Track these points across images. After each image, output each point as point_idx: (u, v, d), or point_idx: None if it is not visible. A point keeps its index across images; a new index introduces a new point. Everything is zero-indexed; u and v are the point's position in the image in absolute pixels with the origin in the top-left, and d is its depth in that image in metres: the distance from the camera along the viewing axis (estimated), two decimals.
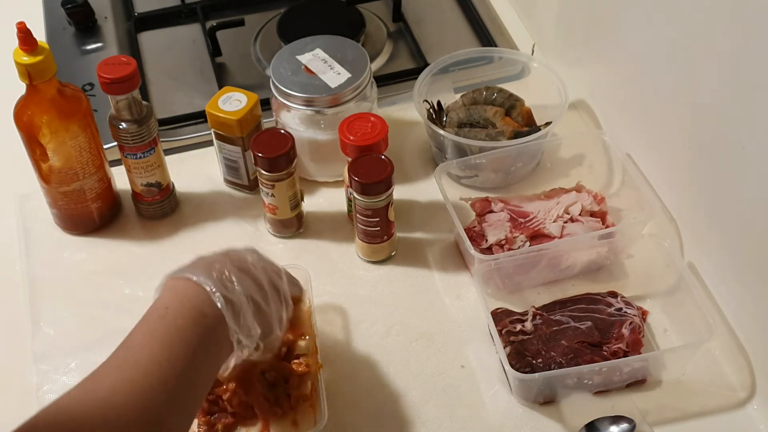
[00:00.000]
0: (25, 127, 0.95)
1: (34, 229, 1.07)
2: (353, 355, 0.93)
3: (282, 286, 0.82)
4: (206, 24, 1.29)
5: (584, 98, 1.17)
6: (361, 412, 0.89)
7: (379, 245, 1.00)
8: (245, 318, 0.75)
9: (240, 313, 0.75)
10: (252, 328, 0.76)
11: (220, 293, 0.74)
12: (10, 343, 0.96)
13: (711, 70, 0.87)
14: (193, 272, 0.76)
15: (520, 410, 0.89)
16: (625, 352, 0.89)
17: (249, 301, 0.76)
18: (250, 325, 0.76)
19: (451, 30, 1.31)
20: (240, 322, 0.75)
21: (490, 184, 1.09)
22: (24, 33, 0.89)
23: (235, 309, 0.75)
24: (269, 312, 0.78)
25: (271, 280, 0.80)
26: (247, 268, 0.78)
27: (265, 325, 0.78)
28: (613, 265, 1.00)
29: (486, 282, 0.95)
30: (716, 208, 0.91)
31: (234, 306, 0.75)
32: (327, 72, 1.05)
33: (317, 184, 1.11)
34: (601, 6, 1.08)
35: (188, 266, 0.78)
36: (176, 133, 1.15)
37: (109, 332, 0.95)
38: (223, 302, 0.74)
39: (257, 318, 0.77)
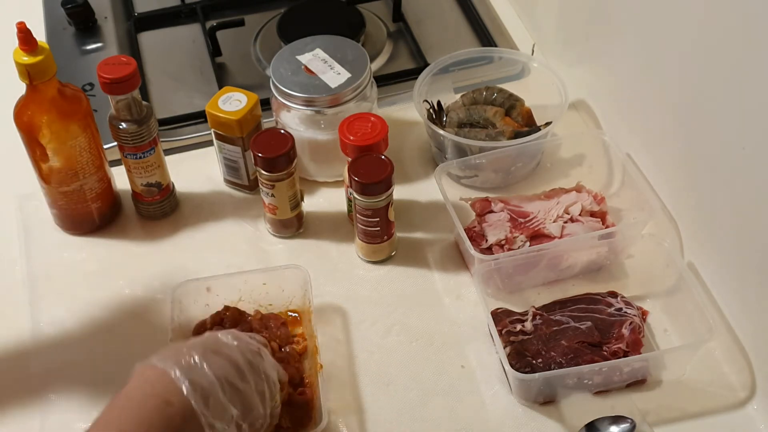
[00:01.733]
0: (25, 127, 0.95)
1: (34, 229, 1.07)
2: (353, 355, 0.93)
3: (261, 363, 0.80)
4: (206, 24, 1.29)
5: (584, 98, 1.17)
6: (360, 412, 0.89)
7: (379, 245, 1.00)
8: (216, 400, 0.74)
9: (210, 395, 0.73)
10: (227, 409, 0.74)
11: (185, 377, 0.73)
12: (10, 343, 0.96)
13: (711, 70, 0.87)
14: (159, 359, 0.75)
15: (520, 410, 0.89)
16: (625, 352, 0.89)
17: (221, 381, 0.74)
18: (224, 405, 0.74)
19: (451, 30, 1.31)
20: (210, 404, 0.73)
21: (490, 184, 1.09)
22: (24, 33, 0.89)
23: (204, 392, 0.73)
24: (247, 389, 0.77)
25: (248, 359, 0.78)
26: (218, 349, 0.77)
27: (245, 403, 0.76)
28: (613, 265, 1.00)
29: (486, 282, 0.95)
30: (716, 208, 0.91)
31: (203, 389, 0.73)
32: (327, 72, 1.05)
33: (317, 184, 1.11)
34: (601, 6, 1.08)
35: (157, 354, 0.76)
36: (176, 133, 1.15)
37: (109, 332, 0.96)
38: (188, 387, 0.72)
39: (235, 397, 0.75)
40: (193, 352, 0.75)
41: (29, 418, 0.90)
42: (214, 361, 0.75)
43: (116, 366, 0.93)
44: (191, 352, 0.75)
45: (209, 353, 0.76)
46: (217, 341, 0.79)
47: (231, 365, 0.76)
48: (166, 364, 0.74)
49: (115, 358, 0.94)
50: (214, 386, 0.74)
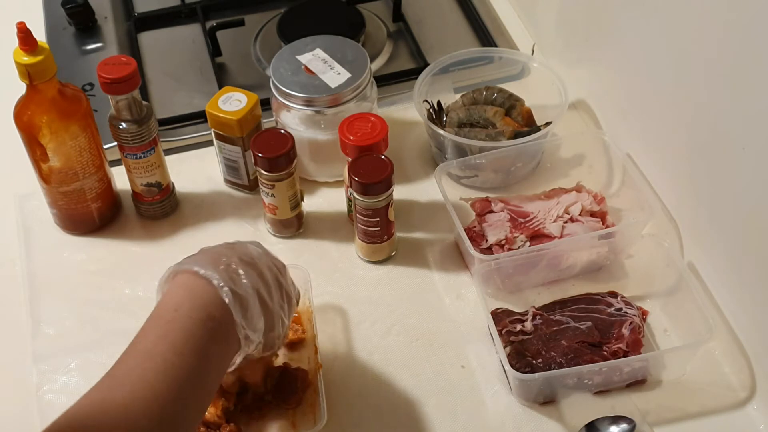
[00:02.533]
0: (25, 127, 0.95)
1: (34, 229, 1.07)
2: (353, 355, 0.93)
3: (285, 283, 0.81)
4: (206, 24, 1.29)
5: (584, 98, 1.17)
6: (361, 412, 0.89)
7: (379, 245, 1.00)
8: (252, 312, 0.75)
9: (248, 307, 0.75)
10: (257, 322, 0.76)
11: (227, 287, 0.74)
12: (10, 343, 0.96)
13: (711, 70, 0.87)
14: (200, 265, 0.75)
15: (520, 410, 0.89)
16: (625, 352, 0.89)
17: (255, 293, 0.76)
18: (255, 319, 0.75)
19: (451, 30, 1.30)
20: (248, 316, 0.74)
21: (490, 184, 1.09)
22: (24, 33, 0.89)
23: (243, 303, 0.74)
24: (273, 308, 0.78)
25: (275, 276, 0.80)
26: (252, 261, 0.78)
27: (268, 321, 0.77)
28: (613, 265, 1.00)
29: (486, 282, 0.95)
30: (716, 208, 0.91)
31: (242, 300, 0.74)
32: (327, 72, 1.05)
33: (317, 184, 1.11)
34: (601, 6, 1.08)
35: (194, 258, 0.77)
36: (176, 133, 1.15)
37: (109, 332, 0.96)
38: (231, 297, 0.73)
39: (263, 311, 0.76)
40: (231, 261, 0.76)
41: (29, 418, 0.90)
42: (250, 273, 0.76)
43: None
44: (230, 261, 0.76)
45: (245, 264, 0.76)
46: (248, 252, 0.79)
47: (262, 281, 0.77)
48: (207, 271, 0.74)
49: (116, 358, 0.94)
50: (250, 298, 0.75)
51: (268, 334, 0.78)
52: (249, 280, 0.75)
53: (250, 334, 0.75)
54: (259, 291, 0.76)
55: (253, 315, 0.75)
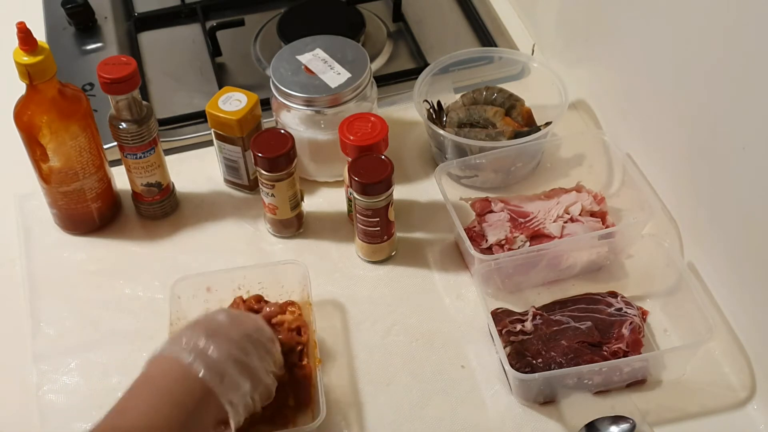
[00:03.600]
0: (25, 128, 0.95)
1: (34, 229, 1.07)
2: (353, 354, 0.93)
3: (258, 335, 0.82)
4: (206, 24, 1.29)
5: (584, 98, 1.17)
6: (360, 411, 0.89)
7: (379, 245, 1.00)
8: (229, 377, 0.76)
9: (223, 374, 0.75)
10: (241, 385, 0.76)
11: (198, 360, 0.75)
12: (10, 343, 0.96)
13: (711, 70, 0.87)
14: (167, 349, 0.76)
15: (520, 410, 0.89)
16: (625, 352, 0.89)
17: (229, 359, 0.76)
18: (237, 381, 0.76)
19: (451, 30, 1.30)
20: (225, 382, 0.75)
21: (490, 184, 1.09)
22: (24, 33, 0.89)
23: (217, 371, 0.75)
24: (252, 363, 0.79)
25: (246, 333, 0.80)
26: (217, 330, 0.79)
27: (253, 377, 0.78)
28: (613, 265, 1.00)
29: (486, 282, 0.95)
30: (716, 208, 0.91)
31: (216, 369, 0.75)
32: (327, 72, 1.05)
33: (317, 184, 1.11)
34: (601, 6, 1.08)
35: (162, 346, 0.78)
36: (176, 133, 1.15)
37: (109, 332, 0.97)
38: (203, 369, 0.74)
39: (244, 372, 0.77)
40: (196, 336, 0.77)
41: (29, 418, 0.90)
42: (218, 342, 0.77)
43: (116, 366, 0.93)
44: (195, 337, 0.77)
45: (211, 335, 0.77)
46: (213, 322, 0.80)
47: (232, 343, 0.78)
48: (174, 352, 0.75)
49: (116, 358, 0.94)
50: (225, 365, 0.76)
51: (257, 389, 0.79)
52: (218, 350, 0.76)
53: (234, 399, 0.76)
54: (232, 356, 0.77)
55: (231, 380, 0.76)
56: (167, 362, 0.76)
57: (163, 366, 0.76)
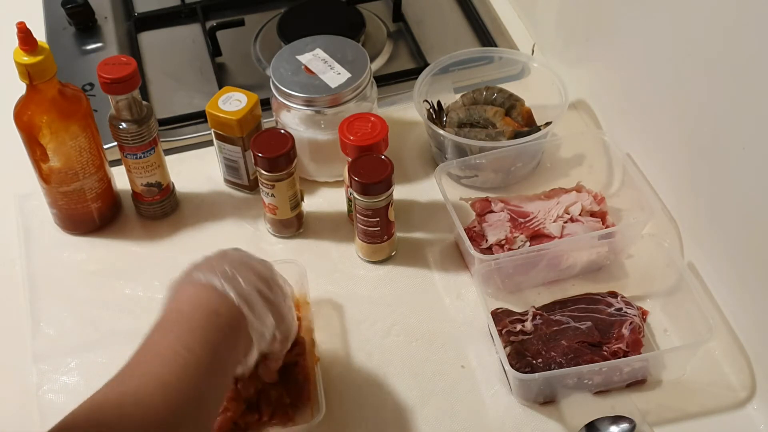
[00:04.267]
0: (25, 128, 0.95)
1: (34, 229, 1.07)
2: (353, 354, 0.93)
3: (278, 278, 0.82)
4: (206, 24, 1.29)
5: (584, 98, 1.17)
6: (360, 411, 0.89)
7: (379, 245, 1.00)
8: (258, 308, 0.76)
9: (253, 303, 0.76)
10: (266, 318, 0.77)
11: (231, 287, 0.75)
12: (10, 343, 0.96)
13: (711, 70, 0.87)
14: (198, 273, 0.77)
15: (520, 410, 0.89)
16: (625, 352, 0.89)
17: (255, 291, 0.77)
18: (263, 314, 0.77)
19: (451, 30, 1.30)
20: (255, 311, 0.76)
21: (490, 184, 1.09)
22: (24, 33, 0.89)
23: (247, 300, 0.76)
24: (275, 301, 0.79)
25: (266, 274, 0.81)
26: (243, 263, 0.79)
27: (276, 313, 0.79)
28: (613, 265, 1.00)
29: (486, 282, 0.95)
30: (716, 208, 0.91)
31: (246, 297, 0.76)
32: (327, 72, 1.05)
33: (317, 184, 1.11)
34: (601, 6, 1.08)
35: (190, 270, 0.78)
36: (176, 133, 1.15)
37: (109, 332, 0.97)
38: (236, 295, 0.75)
39: (268, 306, 0.78)
40: (224, 266, 0.77)
41: (29, 418, 0.90)
42: (246, 274, 0.77)
43: (116, 366, 0.93)
44: (223, 266, 0.77)
45: (237, 267, 0.78)
46: (236, 256, 0.80)
47: (258, 278, 0.78)
48: (207, 276, 0.76)
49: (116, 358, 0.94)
50: (254, 295, 0.76)
51: (281, 326, 0.80)
52: (246, 280, 0.77)
53: (263, 330, 0.77)
54: (258, 288, 0.77)
55: (260, 312, 0.76)
56: (198, 291, 0.75)
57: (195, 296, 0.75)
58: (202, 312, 0.74)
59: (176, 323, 0.74)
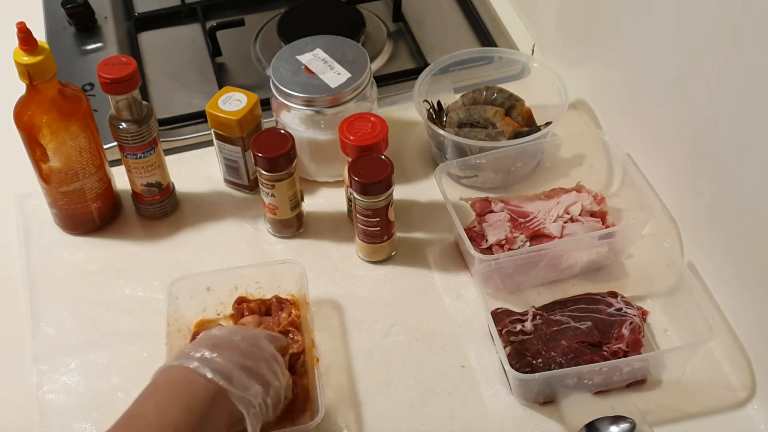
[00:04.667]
0: (25, 128, 0.95)
1: (34, 229, 1.07)
2: (353, 354, 0.93)
3: (263, 344, 0.82)
4: (206, 24, 1.29)
5: (584, 98, 1.17)
6: (360, 411, 0.89)
7: (379, 245, 1.00)
8: (238, 379, 0.76)
9: (231, 376, 0.76)
10: (250, 386, 0.77)
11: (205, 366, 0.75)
12: (10, 343, 0.96)
13: (711, 70, 0.87)
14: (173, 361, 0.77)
15: (520, 410, 0.89)
16: (625, 352, 0.89)
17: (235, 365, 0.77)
18: (246, 383, 0.77)
19: (451, 30, 1.30)
20: (234, 383, 0.76)
21: (490, 184, 1.09)
22: (24, 33, 0.89)
23: (225, 374, 0.76)
24: (259, 368, 0.79)
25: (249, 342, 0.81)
26: (220, 342, 0.79)
27: (262, 381, 0.79)
28: (613, 265, 1.00)
29: (486, 282, 0.95)
30: (716, 208, 0.91)
31: (223, 372, 0.76)
32: (327, 72, 1.05)
33: (317, 184, 1.11)
34: (601, 6, 1.08)
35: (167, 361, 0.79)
36: (176, 133, 1.15)
37: (109, 332, 0.97)
38: (210, 371, 0.75)
39: (252, 376, 0.78)
40: (200, 348, 0.78)
41: (29, 418, 0.90)
42: (222, 352, 0.78)
43: (116, 366, 0.93)
44: (199, 350, 0.78)
45: (215, 346, 0.78)
46: (216, 336, 0.81)
47: (237, 352, 0.79)
48: (181, 361, 0.76)
49: (116, 358, 0.94)
50: (232, 369, 0.76)
51: (269, 390, 0.79)
52: (223, 358, 0.77)
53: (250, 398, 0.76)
54: (238, 362, 0.78)
55: (240, 381, 0.76)
56: (173, 370, 0.76)
57: (170, 374, 0.76)
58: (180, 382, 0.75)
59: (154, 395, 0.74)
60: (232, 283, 0.95)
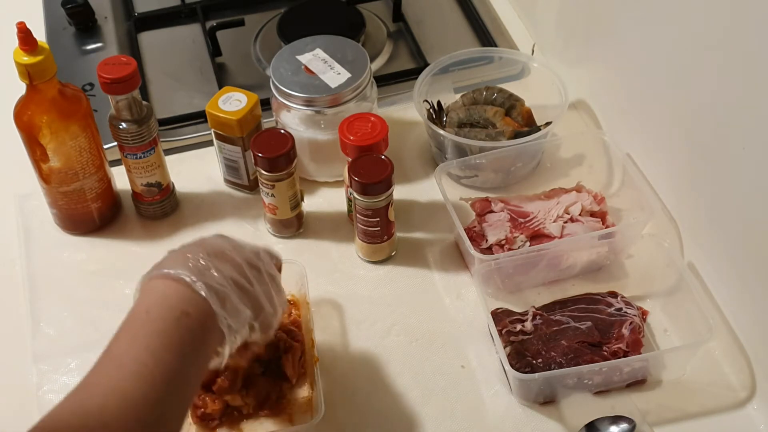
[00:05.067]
0: (25, 128, 0.95)
1: (34, 229, 1.07)
2: (353, 355, 0.93)
3: (261, 264, 0.80)
4: (206, 24, 1.29)
5: (584, 98, 1.17)
6: (360, 412, 0.89)
7: (379, 245, 1.00)
8: (231, 301, 0.73)
9: (225, 297, 0.73)
10: (241, 311, 0.74)
11: (201, 282, 0.72)
12: (10, 343, 0.96)
13: (711, 70, 0.87)
14: (168, 267, 0.74)
15: (520, 410, 0.89)
16: (625, 352, 0.89)
17: (230, 283, 0.74)
18: (238, 307, 0.74)
19: (451, 30, 1.30)
20: (227, 306, 0.73)
21: (490, 184, 1.09)
22: (24, 33, 0.89)
23: (219, 294, 0.73)
24: (254, 290, 0.76)
25: (249, 260, 0.78)
26: (221, 252, 0.76)
27: (254, 304, 0.76)
28: (613, 265, 1.00)
29: (486, 282, 0.95)
30: (716, 208, 0.91)
31: (217, 292, 0.73)
32: (327, 72, 1.05)
33: (317, 184, 1.11)
34: (601, 6, 1.08)
35: (162, 262, 0.76)
36: (176, 133, 1.15)
37: (109, 332, 0.95)
38: (205, 290, 0.72)
39: (244, 299, 0.75)
40: (198, 256, 0.74)
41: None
42: (221, 265, 0.75)
43: None
44: (197, 257, 0.74)
45: (213, 257, 0.75)
46: (217, 246, 0.78)
47: (234, 268, 0.76)
48: (177, 270, 0.72)
49: None
50: (226, 288, 0.73)
51: (259, 317, 0.77)
52: (220, 272, 0.74)
53: (233, 324, 0.73)
54: (234, 279, 0.75)
55: (232, 304, 0.74)
56: (167, 283, 0.72)
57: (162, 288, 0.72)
58: (170, 313, 0.71)
59: (142, 326, 0.71)
60: None
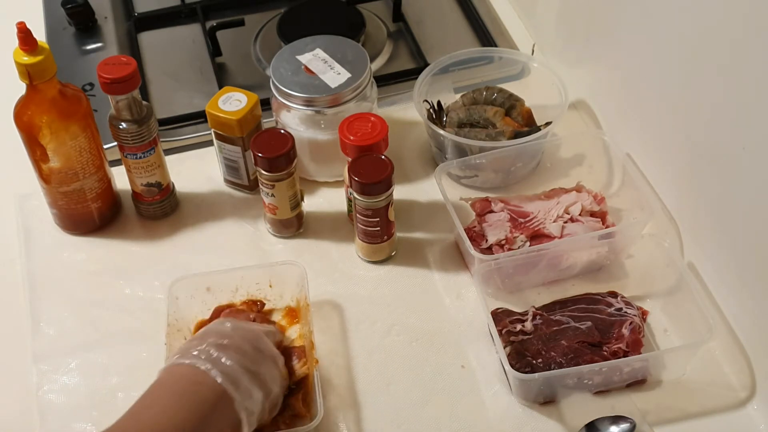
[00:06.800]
0: (25, 128, 0.95)
1: (34, 229, 1.07)
2: (353, 355, 0.93)
3: (264, 346, 0.83)
4: (206, 24, 1.29)
5: (584, 98, 1.17)
6: (360, 412, 0.89)
7: (379, 245, 1.00)
8: (243, 385, 0.77)
9: (238, 381, 0.76)
10: (253, 393, 0.78)
11: (214, 367, 0.76)
12: (10, 343, 0.96)
13: (711, 70, 0.87)
14: (181, 357, 0.77)
15: (520, 410, 0.89)
16: (625, 352, 0.89)
17: (242, 369, 0.78)
18: (250, 389, 0.77)
19: (451, 30, 1.31)
20: (240, 389, 0.76)
21: (490, 184, 1.09)
22: (24, 33, 0.89)
23: (232, 379, 0.76)
24: (262, 374, 0.80)
25: (252, 344, 0.81)
26: (226, 341, 0.80)
27: (264, 387, 0.79)
28: (613, 265, 1.00)
29: (486, 282, 0.95)
30: (716, 208, 0.91)
31: (230, 376, 0.76)
32: (327, 72, 1.05)
33: (317, 184, 1.11)
34: (601, 6, 1.08)
35: (174, 355, 0.79)
36: (176, 133, 1.15)
37: (109, 332, 0.97)
38: (219, 374, 0.75)
39: (255, 382, 0.78)
40: (207, 346, 0.78)
41: (29, 418, 0.90)
42: (228, 352, 0.78)
43: (116, 366, 0.93)
44: (206, 347, 0.78)
45: (222, 347, 0.78)
46: (221, 333, 0.81)
47: (242, 354, 0.79)
48: (190, 360, 0.76)
49: (116, 358, 0.94)
50: (240, 374, 0.77)
51: (269, 397, 0.80)
52: (230, 359, 0.77)
53: (252, 407, 0.77)
54: (243, 365, 0.78)
55: (245, 388, 0.77)
56: (182, 369, 0.76)
57: (178, 372, 0.76)
58: (186, 382, 0.75)
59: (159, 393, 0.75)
60: (232, 284, 0.95)
